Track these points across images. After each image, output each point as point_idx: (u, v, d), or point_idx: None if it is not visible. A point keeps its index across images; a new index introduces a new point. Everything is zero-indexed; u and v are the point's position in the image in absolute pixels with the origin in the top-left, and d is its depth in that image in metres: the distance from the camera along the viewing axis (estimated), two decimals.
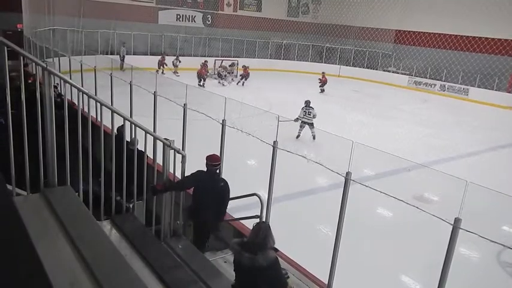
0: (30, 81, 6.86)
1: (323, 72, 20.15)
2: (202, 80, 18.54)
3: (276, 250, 3.08)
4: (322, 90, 19.46)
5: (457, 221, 3.46)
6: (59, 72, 3.78)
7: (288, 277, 4.07)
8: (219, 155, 6.15)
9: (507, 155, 12.07)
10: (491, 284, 5.71)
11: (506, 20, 19.79)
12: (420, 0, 23.17)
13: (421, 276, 5.59)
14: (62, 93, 8.07)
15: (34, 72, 3.12)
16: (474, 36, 21.81)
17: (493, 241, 3.40)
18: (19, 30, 18.62)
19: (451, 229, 3.48)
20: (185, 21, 25.13)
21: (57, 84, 8.16)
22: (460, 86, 21.77)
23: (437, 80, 22.82)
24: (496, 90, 20.66)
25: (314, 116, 11.35)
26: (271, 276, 3.03)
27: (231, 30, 25.44)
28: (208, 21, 25.98)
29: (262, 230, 3.09)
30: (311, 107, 11.46)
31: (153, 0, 23.72)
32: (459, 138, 12.95)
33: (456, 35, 22.60)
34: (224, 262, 4.51)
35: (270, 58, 26.57)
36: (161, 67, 20.54)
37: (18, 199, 2.98)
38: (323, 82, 19.66)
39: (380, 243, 6.19)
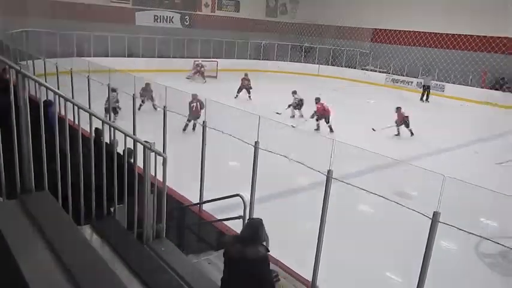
0: None
1: (246, 74, 17.71)
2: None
3: (267, 250, 3.15)
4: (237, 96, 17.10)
5: (435, 214, 3.55)
6: (34, 75, 3.70)
7: (279, 280, 4.09)
8: (200, 156, 6.14)
9: (483, 149, 12.39)
10: (470, 275, 5.87)
11: (480, 17, 20.35)
12: (396, 0, 23.62)
13: (403, 270, 5.69)
14: (37, 96, 7.87)
15: (8, 76, 3.04)
16: (447, 34, 22.38)
17: (470, 233, 3.50)
18: None
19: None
20: (163, 22, 24.88)
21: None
22: (435, 83, 22.27)
23: (414, 77, 23.29)
24: (470, 86, 21.25)
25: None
26: (259, 271, 3.08)
27: (210, 31, 25.33)
28: (187, 22, 25.80)
29: (253, 225, 3.22)
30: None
31: (130, 1, 23.40)
32: (436, 134, 13.23)
33: (431, 33, 23.13)
34: (208, 263, 4.49)
35: (249, 59, 26.59)
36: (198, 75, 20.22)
37: None
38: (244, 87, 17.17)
39: (362, 239, 6.27)
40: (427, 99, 20.34)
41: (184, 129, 11.19)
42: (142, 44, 22.27)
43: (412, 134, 12.73)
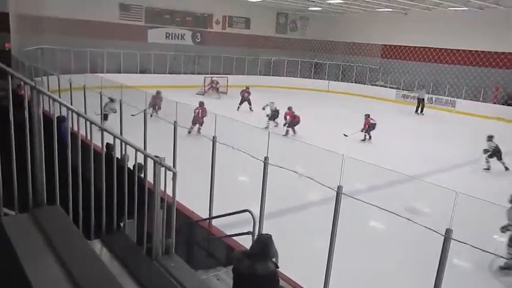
0: None
1: (247, 87, 18.70)
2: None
3: (277, 266, 3.16)
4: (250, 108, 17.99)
5: (448, 231, 3.49)
6: (48, 91, 3.78)
7: None
8: (210, 171, 6.14)
9: (495, 165, 12.19)
10: None
11: (490, 33, 20.30)
12: (405, 16, 23.72)
13: (414, 286, 5.57)
14: (51, 111, 7.99)
15: (23, 92, 3.13)
16: (458, 49, 22.33)
17: (484, 250, 3.43)
18: (7, 49, 18.55)
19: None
20: (174, 39, 25.32)
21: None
22: (447, 98, 22.13)
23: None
24: (482, 101, 21.06)
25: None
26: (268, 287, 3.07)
27: (221, 48, 25.68)
28: (198, 39, 26.20)
29: (262, 241, 3.23)
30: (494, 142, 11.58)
31: (142, 19, 23.90)
32: (448, 150, 13.09)
33: (441, 49, 23.10)
34: (217, 280, 4.45)
35: (259, 75, 26.80)
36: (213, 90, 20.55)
37: (6, 219, 2.93)
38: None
39: (374, 256, 6.17)
40: (421, 111, 20.92)
41: (189, 132, 11.92)
42: (154, 60, 22.66)
43: (369, 137, 14.03)
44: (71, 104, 3.64)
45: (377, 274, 5.75)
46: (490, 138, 11.80)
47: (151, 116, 11.83)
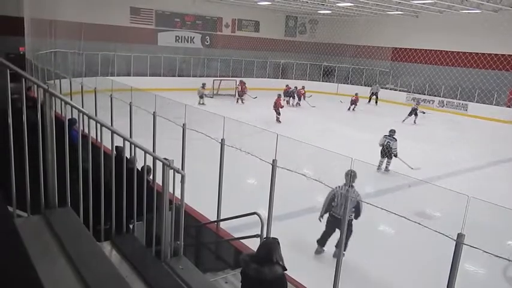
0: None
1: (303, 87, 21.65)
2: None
3: (285, 269, 3.15)
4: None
5: (460, 236, 3.44)
6: (60, 93, 3.82)
7: None
8: (218, 174, 6.15)
9: (509, 169, 12.04)
10: None
11: (503, 35, 20.02)
12: (416, 19, 23.55)
13: None
14: (63, 114, 8.08)
15: (36, 95, 3.18)
16: (471, 52, 22.07)
17: (497, 256, 3.37)
18: (21, 53, 18.86)
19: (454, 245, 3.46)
20: (184, 42, 25.50)
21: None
22: (458, 102, 21.89)
23: (436, 96, 22.97)
24: (495, 105, 20.78)
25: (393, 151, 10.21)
26: None
27: (230, 51, 25.79)
28: (207, 42, 26.34)
29: (268, 244, 3.24)
30: (393, 138, 10.52)
31: (153, 23, 24.11)
32: (459, 154, 12.95)
33: (453, 52, 22.86)
34: (225, 282, 4.46)
35: (268, 77, 26.83)
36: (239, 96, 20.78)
37: (19, 221, 2.97)
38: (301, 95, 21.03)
39: (383, 260, 6.11)
40: (375, 102, 23.08)
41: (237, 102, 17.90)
42: (163, 63, 22.84)
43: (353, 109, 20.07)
44: (82, 107, 3.68)
45: (387, 278, 5.69)
46: (418, 101, 18.35)
47: (237, 102, 19.04)
